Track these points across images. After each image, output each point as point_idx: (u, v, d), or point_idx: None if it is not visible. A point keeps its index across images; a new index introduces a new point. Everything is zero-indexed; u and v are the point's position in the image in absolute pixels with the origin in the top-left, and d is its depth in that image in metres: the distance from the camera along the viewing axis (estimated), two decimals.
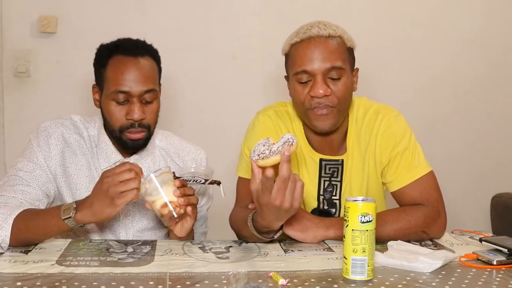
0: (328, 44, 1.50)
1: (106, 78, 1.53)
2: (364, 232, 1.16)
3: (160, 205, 1.38)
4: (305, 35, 1.50)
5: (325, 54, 1.49)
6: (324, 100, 1.49)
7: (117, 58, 1.53)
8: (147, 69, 1.53)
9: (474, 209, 2.82)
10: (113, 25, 2.44)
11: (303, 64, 1.50)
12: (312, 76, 1.50)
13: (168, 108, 2.49)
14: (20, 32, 2.49)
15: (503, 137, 2.89)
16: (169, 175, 1.40)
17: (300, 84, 1.52)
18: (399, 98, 2.63)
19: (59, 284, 1.14)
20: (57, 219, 1.35)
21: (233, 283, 1.10)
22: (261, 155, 1.23)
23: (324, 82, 1.49)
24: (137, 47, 1.55)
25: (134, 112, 1.50)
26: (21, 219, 1.38)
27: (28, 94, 2.52)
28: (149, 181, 1.36)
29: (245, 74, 2.65)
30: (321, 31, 1.50)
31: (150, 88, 1.52)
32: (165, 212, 1.38)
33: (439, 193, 1.57)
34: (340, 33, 1.52)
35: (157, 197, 1.38)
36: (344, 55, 1.52)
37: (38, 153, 1.54)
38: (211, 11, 2.62)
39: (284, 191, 1.22)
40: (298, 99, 1.53)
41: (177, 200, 1.38)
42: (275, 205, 1.23)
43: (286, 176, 1.21)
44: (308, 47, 1.50)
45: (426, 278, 1.21)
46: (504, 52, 2.85)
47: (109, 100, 1.52)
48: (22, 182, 1.50)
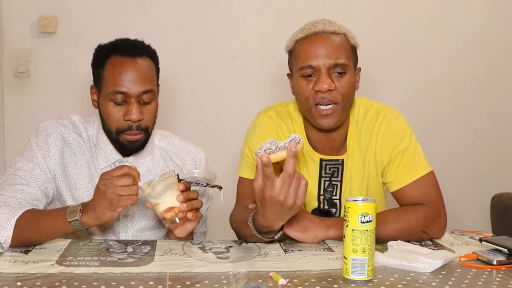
0: (333, 40, 1.51)
1: (104, 78, 1.53)
2: (364, 232, 1.16)
3: (163, 209, 1.38)
4: (310, 31, 1.52)
5: (330, 49, 1.49)
6: (328, 95, 1.50)
7: (114, 59, 1.52)
8: (145, 70, 1.53)
9: (474, 209, 2.81)
10: (113, 25, 2.44)
11: (308, 59, 1.50)
12: (317, 71, 1.50)
13: (168, 108, 2.49)
14: (20, 32, 2.49)
15: (503, 137, 2.89)
16: (174, 178, 1.39)
17: (305, 79, 1.52)
18: (399, 98, 2.63)
19: (59, 284, 1.14)
20: (63, 221, 1.35)
21: (233, 283, 1.10)
22: (267, 150, 1.24)
23: (328, 77, 1.50)
24: (135, 47, 1.54)
25: (132, 113, 1.50)
26: (24, 220, 1.37)
27: (28, 94, 2.52)
28: (155, 185, 1.36)
29: (245, 74, 2.65)
30: (326, 27, 1.51)
31: (148, 88, 1.52)
32: (168, 217, 1.39)
33: (439, 193, 1.57)
34: (344, 31, 1.54)
35: (161, 201, 1.38)
36: (348, 52, 1.53)
37: (37, 152, 1.54)
38: (211, 11, 2.62)
39: (289, 187, 1.23)
40: (302, 95, 1.54)
41: (180, 206, 1.38)
42: (279, 200, 1.23)
43: (291, 171, 1.22)
44: (313, 42, 1.51)
45: (426, 278, 1.21)
46: (504, 52, 2.85)
47: (107, 100, 1.52)
48: (21, 182, 1.50)
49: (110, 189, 1.30)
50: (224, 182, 1.48)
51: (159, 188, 1.36)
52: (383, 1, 2.74)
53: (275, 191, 1.23)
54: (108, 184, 1.31)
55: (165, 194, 1.37)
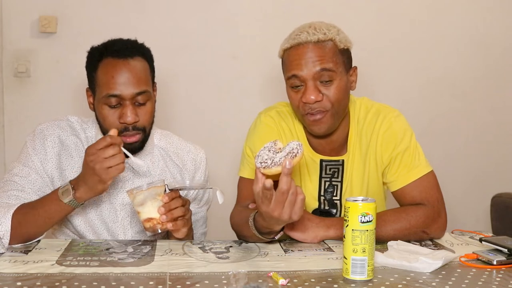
0: (317, 49, 1.49)
1: (97, 81, 1.52)
2: (364, 232, 1.16)
3: (143, 219, 1.41)
4: (294, 41, 1.51)
5: (314, 58, 1.48)
6: (316, 106, 1.50)
7: (106, 61, 1.50)
8: (138, 71, 1.51)
9: (474, 209, 2.82)
10: (113, 25, 2.44)
11: (293, 69, 1.50)
12: (303, 81, 1.50)
13: (168, 108, 2.49)
14: (20, 32, 2.49)
15: (503, 137, 2.89)
16: (160, 189, 1.41)
17: (293, 90, 1.53)
18: (398, 98, 2.63)
19: (59, 284, 1.14)
20: (57, 203, 1.38)
21: (233, 283, 1.10)
22: (263, 163, 1.21)
23: (315, 88, 1.49)
24: (126, 48, 1.52)
25: (127, 116, 1.48)
26: (19, 213, 1.39)
27: (28, 94, 2.52)
28: (137, 194, 1.39)
29: (245, 74, 2.65)
30: (310, 36, 1.49)
31: (142, 89, 1.50)
32: (147, 226, 1.41)
33: (440, 193, 1.57)
34: (331, 36, 1.50)
35: (141, 211, 1.41)
36: (336, 57, 1.51)
37: (33, 156, 1.53)
38: (211, 11, 2.62)
39: (283, 204, 1.22)
40: (293, 104, 1.55)
41: (159, 217, 1.39)
42: (273, 216, 1.24)
43: (284, 189, 1.20)
44: (297, 53, 1.50)
45: (426, 278, 1.21)
46: (504, 52, 2.85)
47: (101, 104, 1.50)
48: (17, 187, 1.50)
49: (98, 164, 1.33)
50: (224, 182, 1.49)
51: (140, 198, 1.39)
52: (383, 1, 2.74)
53: (270, 207, 1.23)
54: (95, 159, 1.33)
55: (146, 204, 1.39)
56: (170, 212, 1.39)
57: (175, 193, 1.43)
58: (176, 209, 1.41)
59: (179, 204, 1.42)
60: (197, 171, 1.69)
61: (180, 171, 1.67)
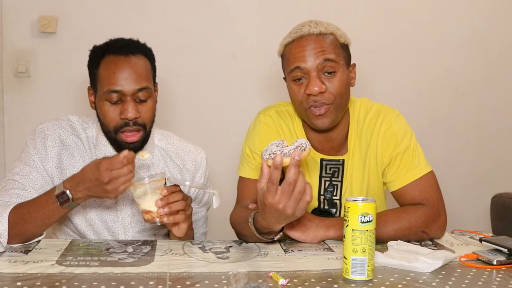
0: (319, 41, 1.51)
1: (99, 79, 1.53)
2: (364, 232, 1.16)
3: (142, 210, 1.42)
4: (297, 35, 1.53)
5: (317, 49, 1.50)
6: (320, 98, 1.50)
7: (108, 58, 1.52)
8: (140, 67, 1.52)
9: (474, 209, 2.82)
10: (113, 25, 2.44)
11: (296, 61, 1.51)
12: (306, 73, 1.50)
13: (168, 108, 2.49)
14: (20, 32, 2.49)
15: (503, 137, 2.89)
16: (160, 183, 1.41)
17: (296, 83, 1.53)
18: (398, 98, 2.63)
19: (59, 284, 1.14)
20: (54, 207, 1.38)
21: (233, 283, 1.10)
22: (272, 155, 1.22)
23: (318, 79, 1.50)
24: (128, 46, 1.54)
25: (128, 111, 1.49)
26: (16, 212, 1.39)
27: (28, 94, 2.52)
28: (138, 186, 1.39)
29: (245, 74, 2.65)
30: (312, 29, 1.52)
31: (143, 86, 1.51)
32: (145, 218, 1.42)
33: (440, 193, 1.57)
34: (332, 30, 1.54)
35: (141, 202, 1.41)
36: (337, 50, 1.53)
37: (34, 155, 1.54)
38: (211, 11, 2.62)
39: (289, 196, 1.22)
40: (296, 98, 1.54)
41: (157, 211, 1.39)
42: (278, 208, 1.23)
43: (292, 180, 1.20)
44: (300, 45, 1.51)
45: (426, 278, 1.21)
46: (504, 52, 2.85)
47: (102, 100, 1.51)
48: (18, 186, 1.50)
49: (111, 184, 1.33)
50: (224, 182, 1.49)
51: (140, 190, 1.39)
52: (383, 1, 2.74)
53: (275, 198, 1.22)
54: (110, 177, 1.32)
55: (146, 197, 1.40)
56: (169, 206, 1.40)
57: (175, 187, 1.43)
58: (175, 203, 1.41)
59: (179, 198, 1.42)
60: (198, 172, 1.70)
61: (181, 171, 1.67)
